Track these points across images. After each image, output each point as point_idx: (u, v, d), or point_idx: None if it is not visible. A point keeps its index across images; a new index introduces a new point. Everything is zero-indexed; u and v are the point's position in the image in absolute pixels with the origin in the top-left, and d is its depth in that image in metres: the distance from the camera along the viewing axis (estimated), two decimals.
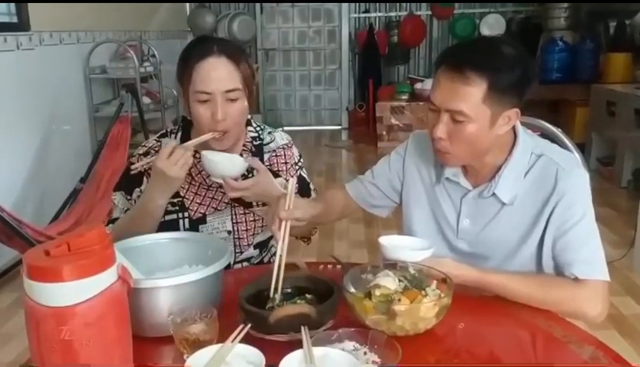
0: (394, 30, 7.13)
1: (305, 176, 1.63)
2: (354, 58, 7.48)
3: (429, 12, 7.26)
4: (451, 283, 1.09)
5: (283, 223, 1.20)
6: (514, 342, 1.11)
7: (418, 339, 1.03)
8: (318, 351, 0.91)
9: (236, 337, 0.95)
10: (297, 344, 0.93)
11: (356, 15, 7.45)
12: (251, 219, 1.53)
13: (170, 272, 1.20)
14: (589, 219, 1.23)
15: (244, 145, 1.54)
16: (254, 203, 1.52)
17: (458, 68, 1.15)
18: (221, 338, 0.97)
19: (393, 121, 6.14)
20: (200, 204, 1.51)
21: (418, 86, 6.12)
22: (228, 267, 1.18)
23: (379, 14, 7.37)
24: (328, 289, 1.09)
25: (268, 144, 1.58)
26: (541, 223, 1.25)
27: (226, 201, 1.51)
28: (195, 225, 1.50)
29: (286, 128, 7.36)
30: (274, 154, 1.58)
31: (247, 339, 0.95)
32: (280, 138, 1.62)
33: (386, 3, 7.31)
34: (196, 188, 1.50)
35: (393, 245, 1.22)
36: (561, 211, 1.22)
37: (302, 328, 0.95)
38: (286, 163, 1.58)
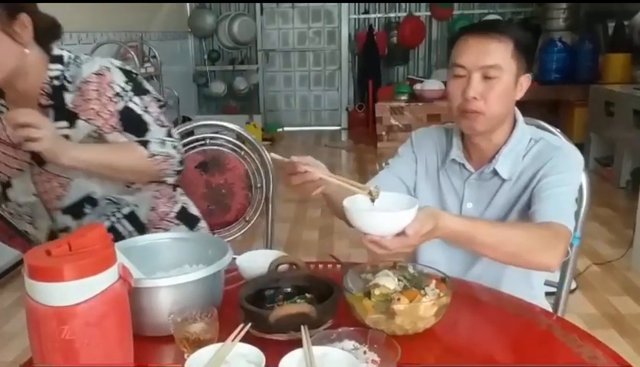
0: (393, 31, 7.14)
1: (135, 107, 1.35)
2: (354, 59, 7.49)
3: (428, 13, 7.27)
4: (450, 282, 1.09)
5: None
6: (513, 341, 1.11)
7: (417, 339, 1.03)
8: (317, 350, 0.91)
9: (236, 336, 0.95)
10: (297, 343, 0.93)
11: (355, 16, 7.45)
12: (48, 178, 1.36)
13: (171, 272, 1.20)
14: (574, 191, 1.28)
15: (42, 89, 1.32)
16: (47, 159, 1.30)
17: (487, 31, 1.26)
18: (221, 337, 0.97)
19: (393, 121, 6.14)
20: (6, 166, 1.37)
21: (417, 86, 6.12)
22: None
23: (379, 15, 7.37)
24: (328, 289, 1.09)
25: (72, 82, 1.34)
26: (531, 186, 1.29)
27: (27, 159, 1.35)
28: (2, 190, 1.38)
29: (286, 129, 7.39)
30: (79, 93, 1.33)
31: (247, 339, 0.95)
32: (89, 66, 1.34)
33: (386, 4, 7.31)
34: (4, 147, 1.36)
35: (362, 208, 1.03)
36: (551, 174, 1.26)
37: (302, 327, 0.96)
38: (98, 91, 1.33)
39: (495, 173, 1.33)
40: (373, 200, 1.07)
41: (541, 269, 1.22)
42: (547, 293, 1.45)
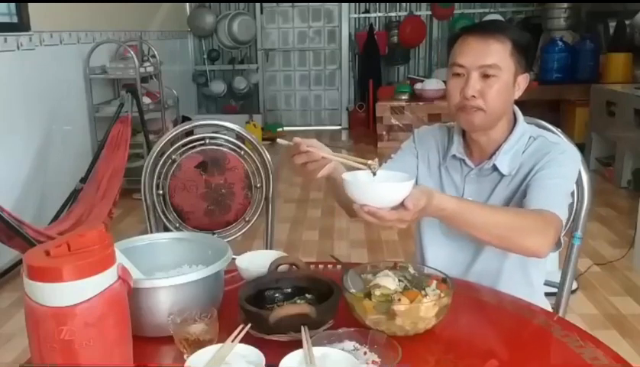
0: (394, 31, 7.14)
1: None
2: (354, 58, 7.48)
3: (429, 12, 7.26)
4: (451, 283, 1.09)
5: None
6: (514, 342, 1.11)
7: (418, 339, 1.03)
8: (318, 351, 0.91)
9: (236, 337, 0.95)
10: (297, 344, 0.93)
11: (356, 15, 7.45)
12: None
13: (170, 272, 1.20)
14: (568, 184, 1.29)
15: None
16: None
17: (486, 31, 1.29)
18: (221, 338, 0.97)
19: (393, 121, 6.14)
20: None
21: (418, 86, 6.12)
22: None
23: (379, 15, 7.37)
24: (328, 289, 1.09)
25: None
26: (527, 180, 1.30)
27: None
28: None
29: (286, 128, 7.38)
30: None
31: (247, 339, 0.95)
32: None
33: (386, 3, 7.31)
34: None
35: (361, 180, 1.08)
36: (546, 167, 1.27)
37: (302, 328, 0.95)
38: None
39: (494, 168, 1.35)
40: (374, 173, 1.10)
41: (530, 253, 1.21)
42: (548, 294, 1.45)
